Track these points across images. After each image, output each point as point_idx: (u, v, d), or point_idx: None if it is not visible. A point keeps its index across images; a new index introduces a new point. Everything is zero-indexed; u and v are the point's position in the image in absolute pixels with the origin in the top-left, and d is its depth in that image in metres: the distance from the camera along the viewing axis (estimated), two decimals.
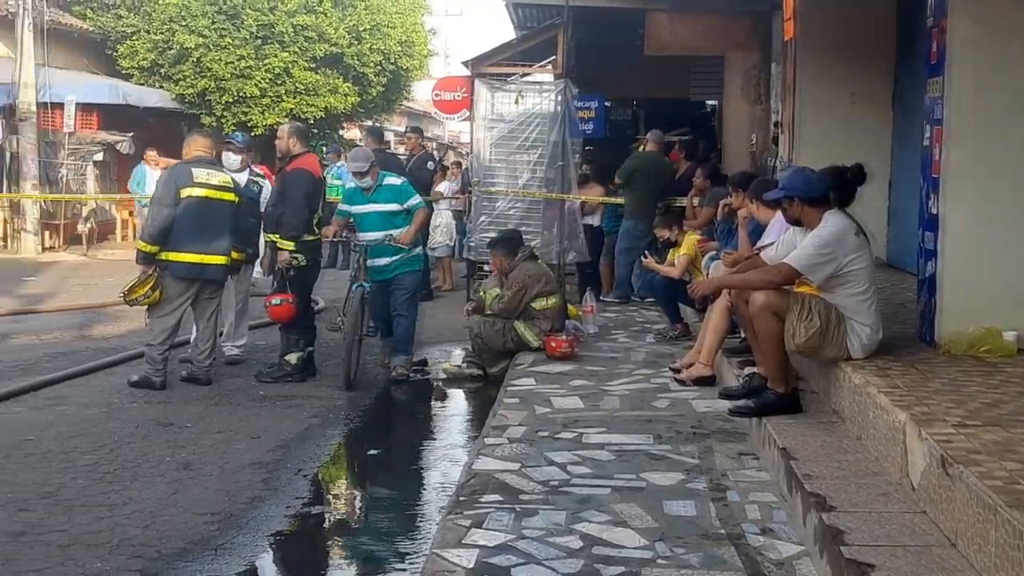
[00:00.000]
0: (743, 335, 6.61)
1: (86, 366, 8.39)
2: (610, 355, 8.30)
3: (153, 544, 4.65)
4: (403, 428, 7.47)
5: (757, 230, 6.85)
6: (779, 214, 5.92)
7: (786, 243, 5.60)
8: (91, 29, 21.34)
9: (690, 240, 8.78)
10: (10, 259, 17.65)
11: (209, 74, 20.44)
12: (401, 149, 16.99)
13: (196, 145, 8.02)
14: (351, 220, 8.43)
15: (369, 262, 8.25)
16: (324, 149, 19.82)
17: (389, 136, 25.89)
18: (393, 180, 8.43)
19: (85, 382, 7.98)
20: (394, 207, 8.24)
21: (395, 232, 8.16)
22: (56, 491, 5.32)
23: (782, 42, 10.73)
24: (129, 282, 7.67)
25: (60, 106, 18.67)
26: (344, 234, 8.54)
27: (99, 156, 19.55)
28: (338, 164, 16.43)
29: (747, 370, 6.12)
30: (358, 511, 5.53)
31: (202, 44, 20.21)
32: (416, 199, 8.37)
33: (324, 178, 8.38)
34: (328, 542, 5.14)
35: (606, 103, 14.10)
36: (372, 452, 6.63)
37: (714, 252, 8.01)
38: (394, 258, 8.23)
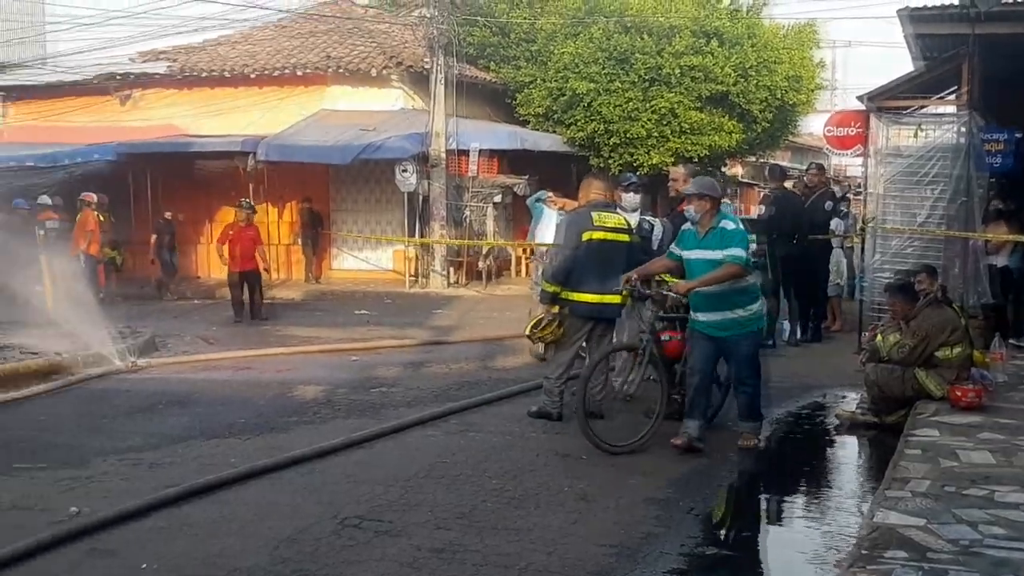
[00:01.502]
0: None
1: (490, 395, 9.04)
2: (1023, 407, 7.66)
3: (556, 570, 4.92)
4: (794, 473, 7.31)
5: None
6: None
7: None
8: (493, 80, 22.97)
9: None
10: (421, 294, 19.34)
11: (599, 117, 21.26)
12: (788, 185, 16.68)
13: (593, 189, 8.38)
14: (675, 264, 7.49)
15: (695, 313, 7.32)
16: None
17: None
18: (728, 224, 7.16)
19: (489, 410, 8.59)
20: (719, 255, 7.07)
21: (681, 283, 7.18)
22: (469, 512, 5.78)
23: None
24: (534, 319, 8.17)
25: (466, 152, 20.26)
26: (635, 281, 7.43)
27: (498, 198, 20.94)
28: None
29: None
30: (751, 555, 5.50)
31: (593, 89, 21.07)
32: (735, 251, 7.00)
33: None
34: None
35: (1017, 135, 13.05)
36: (763, 495, 6.57)
37: None
38: (726, 315, 7.15)
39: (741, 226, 7.19)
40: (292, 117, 21.16)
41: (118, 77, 22.67)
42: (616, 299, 8.03)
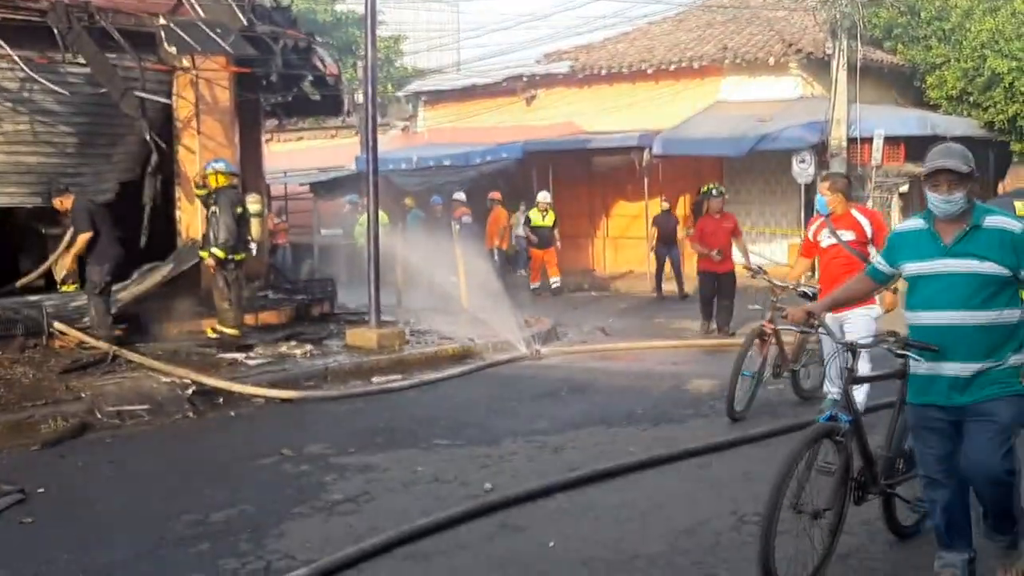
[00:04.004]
0: None
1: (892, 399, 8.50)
2: None
3: None
4: None
5: None
6: None
7: None
8: (900, 63, 21.71)
9: None
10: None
11: (1021, 98, 19.44)
12: None
13: (1018, 177, 7.66)
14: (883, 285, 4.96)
15: (928, 367, 4.37)
16: None
17: None
18: (1003, 222, 4.37)
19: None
20: (993, 269, 4.25)
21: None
22: (874, 520, 5.46)
23: None
24: None
25: (868, 140, 19.29)
26: (818, 318, 4.91)
27: (904, 188, 19.76)
28: None
29: None
30: None
31: (1015, 68, 19.30)
32: None
33: None
34: None
35: None
36: None
37: None
38: (983, 364, 4.27)
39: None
40: (687, 110, 21.27)
41: (524, 79, 24.00)
42: None
